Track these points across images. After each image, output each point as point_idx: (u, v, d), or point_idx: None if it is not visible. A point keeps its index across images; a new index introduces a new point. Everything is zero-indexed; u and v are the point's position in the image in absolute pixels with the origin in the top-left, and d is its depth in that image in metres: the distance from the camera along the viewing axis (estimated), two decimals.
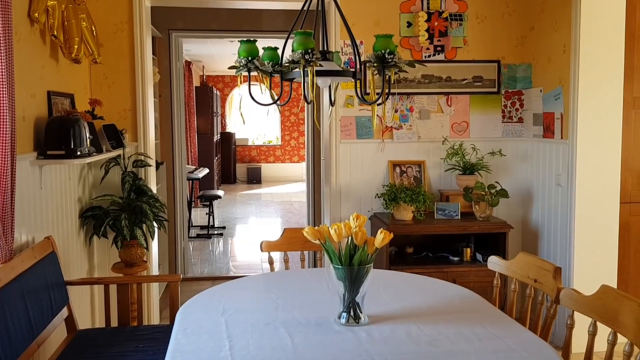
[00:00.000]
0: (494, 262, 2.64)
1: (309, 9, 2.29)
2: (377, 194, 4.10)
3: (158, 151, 5.20)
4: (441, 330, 2.02)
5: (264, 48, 2.23)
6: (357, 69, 2.23)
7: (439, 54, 4.14)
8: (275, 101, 2.29)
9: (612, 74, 3.62)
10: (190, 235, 7.43)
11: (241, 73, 2.20)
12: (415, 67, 3.98)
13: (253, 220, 9.25)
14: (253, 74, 2.21)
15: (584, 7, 3.55)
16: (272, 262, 3.10)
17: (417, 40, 4.11)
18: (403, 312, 2.23)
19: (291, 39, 2.15)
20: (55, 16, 2.97)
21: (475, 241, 3.95)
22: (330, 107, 3.99)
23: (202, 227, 8.09)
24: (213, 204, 8.30)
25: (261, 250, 3.10)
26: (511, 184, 4.23)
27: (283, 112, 13.79)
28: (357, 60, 2.27)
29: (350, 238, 2.04)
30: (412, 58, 4.09)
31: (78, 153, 2.93)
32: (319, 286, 2.55)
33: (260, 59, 2.18)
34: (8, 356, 2.16)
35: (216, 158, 11.57)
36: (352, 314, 2.08)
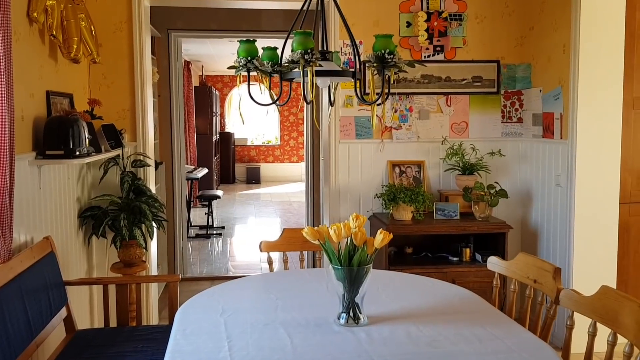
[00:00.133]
0: (494, 263, 2.64)
1: (309, 8, 2.28)
2: (376, 194, 4.10)
3: (157, 151, 5.20)
4: (441, 331, 2.02)
5: (263, 48, 2.23)
6: (356, 69, 2.22)
7: (438, 54, 4.14)
8: (274, 101, 2.28)
9: (611, 74, 3.62)
10: (189, 235, 7.42)
11: (240, 73, 2.19)
12: (415, 67, 3.97)
13: (252, 220, 9.24)
14: (252, 74, 2.21)
15: (583, 7, 3.55)
16: (271, 263, 3.10)
17: (416, 40, 4.10)
18: (402, 312, 2.23)
19: (291, 38, 2.15)
20: (54, 16, 2.97)
21: (474, 241, 3.94)
22: (330, 107, 3.99)
23: (201, 227, 8.09)
24: (212, 204, 8.30)
25: (260, 251, 3.10)
26: (510, 184, 4.22)
27: (282, 112, 13.79)
28: (357, 60, 2.27)
29: (349, 238, 2.04)
30: (412, 58, 4.08)
31: (77, 153, 2.93)
32: (319, 286, 2.55)
33: (260, 59, 2.18)
34: (7, 356, 2.15)
35: (215, 158, 11.57)
36: (351, 314, 2.07)
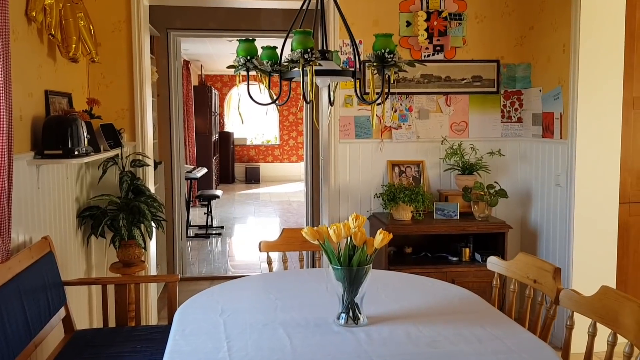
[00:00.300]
0: (493, 263, 2.63)
1: (308, 8, 2.28)
2: (376, 194, 4.09)
3: (156, 151, 5.19)
4: (440, 331, 2.02)
5: (262, 47, 2.22)
6: (356, 68, 2.22)
7: (438, 53, 4.14)
8: (274, 101, 2.28)
9: (611, 74, 3.62)
10: (189, 235, 7.42)
11: (240, 72, 2.19)
12: (415, 67, 3.96)
13: (251, 220, 9.23)
14: (252, 73, 2.20)
15: (583, 6, 3.54)
16: (271, 262, 3.09)
17: (416, 40, 4.10)
18: (402, 312, 2.22)
19: (290, 38, 2.14)
20: (52, 15, 2.96)
21: (474, 241, 3.94)
22: (330, 107, 3.98)
23: (201, 227, 8.08)
24: (211, 203, 8.30)
25: (260, 250, 3.09)
26: (510, 184, 4.22)
27: (282, 111, 13.79)
28: (357, 59, 2.27)
29: (349, 238, 2.03)
30: (411, 58, 4.07)
31: (75, 153, 2.92)
32: (318, 286, 2.54)
33: (259, 58, 2.17)
34: (5, 357, 2.15)
35: (214, 158, 11.56)
36: (351, 314, 2.07)
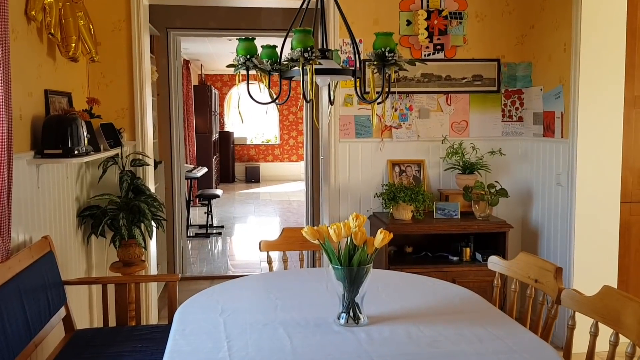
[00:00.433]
0: (495, 262, 2.62)
1: (308, 6, 2.27)
2: (376, 194, 4.09)
3: (156, 150, 5.18)
4: (441, 331, 2.01)
5: (262, 46, 2.22)
6: (356, 67, 2.21)
7: (438, 52, 4.13)
8: (274, 100, 2.27)
9: (613, 73, 3.60)
10: (189, 234, 7.41)
11: (239, 71, 2.18)
12: (415, 66, 3.95)
13: (252, 219, 9.23)
14: (252, 72, 2.19)
15: (584, 5, 3.53)
16: (271, 262, 3.09)
17: (416, 39, 4.09)
18: (403, 312, 2.21)
19: (290, 37, 2.13)
20: (52, 14, 2.95)
21: (474, 241, 3.93)
22: (330, 106, 3.98)
23: (201, 227, 8.07)
24: (211, 203, 8.29)
25: (260, 250, 3.09)
26: (511, 184, 4.21)
27: (282, 111, 13.78)
28: (357, 58, 2.26)
29: (349, 238, 2.03)
30: (412, 57, 4.07)
31: (75, 152, 2.91)
32: (318, 286, 2.54)
33: (259, 57, 2.17)
34: (5, 356, 2.14)
35: (215, 157, 11.55)
36: (351, 314, 2.06)
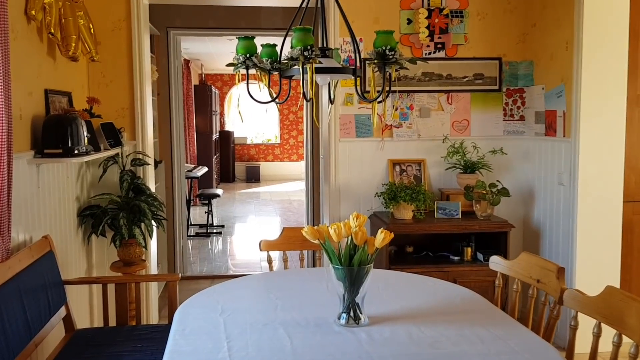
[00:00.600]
0: (496, 262, 2.61)
1: (308, 5, 2.26)
2: (376, 193, 4.07)
3: (157, 150, 5.17)
4: (442, 332, 2.00)
5: (262, 45, 2.20)
6: (356, 66, 2.20)
7: (439, 51, 4.11)
8: (274, 99, 2.26)
9: (615, 71, 3.59)
10: (189, 234, 7.40)
11: (239, 70, 2.17)
12: (416, 64, 3.94)
13: (252, 219, 9.22)
14: (251, 71, 2.18)
15: (586, 3, 3.52)
16: (271, 262, 3.08)
17: (417, 38, 4.08)
18: (403, 312, 2.20)
19: (290, 35, 2.12)
20: (52, 14, 2.95)
21: (476, 240, 3.92)
22: (330, 105, 3.96)
23: (201, 226, 8.07)
24: (212, 202, 8.29)
25: (260, 250, 3.08)
26: (512, 183, 4.20)
27: (282, 110, 13.76)
28: (357, 57, 2.25)
29: (350, 238, 2.02)
30: (413, 55, 4.06)
31: (75, 152, 2.91)
32: (319, 286, 2.53)
33: (259, 56, 2.16)
34: (5, 356, 2.14)
35: (215, 157, 11.55)
36: (352, 314, 2.05)
